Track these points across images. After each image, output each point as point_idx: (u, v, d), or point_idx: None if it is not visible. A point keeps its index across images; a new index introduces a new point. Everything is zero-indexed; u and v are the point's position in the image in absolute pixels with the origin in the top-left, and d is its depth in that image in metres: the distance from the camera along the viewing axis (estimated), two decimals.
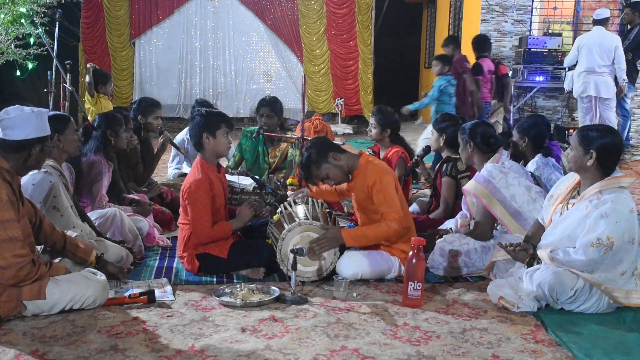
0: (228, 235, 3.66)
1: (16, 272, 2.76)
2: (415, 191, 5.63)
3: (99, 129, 4.28)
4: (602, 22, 7.91)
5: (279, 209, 3.84)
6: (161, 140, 5.26)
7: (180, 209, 3.71)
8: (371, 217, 3.58)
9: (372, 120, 4.99)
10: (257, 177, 4.62)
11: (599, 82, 7.79)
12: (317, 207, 3.76)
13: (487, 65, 7.85)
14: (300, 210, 3.70)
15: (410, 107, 7.48)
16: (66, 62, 7.94)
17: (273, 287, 3.31)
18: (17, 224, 2.78)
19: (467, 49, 11.10)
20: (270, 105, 5.33)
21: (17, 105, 2.96)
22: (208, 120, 3.64)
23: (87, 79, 6.96)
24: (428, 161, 6.00)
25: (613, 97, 7.89)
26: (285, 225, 3.50)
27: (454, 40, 7.91)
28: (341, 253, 3.54)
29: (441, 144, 4.54)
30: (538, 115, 5.17)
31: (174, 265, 3.80)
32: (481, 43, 8.06)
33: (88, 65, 7.26)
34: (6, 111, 2.90)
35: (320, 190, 4.12)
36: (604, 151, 3.07)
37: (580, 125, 8.12)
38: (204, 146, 3.65)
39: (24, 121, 2.88)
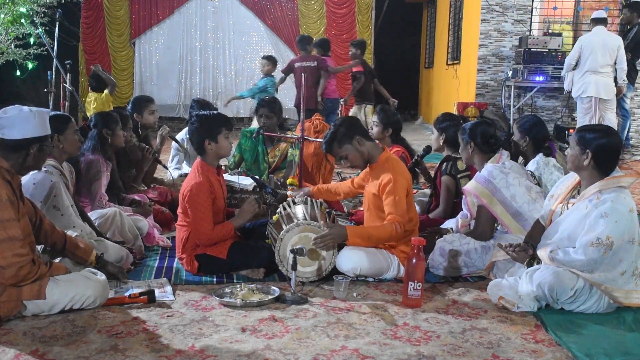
0: (231, 234, 3.66)
1: (16, 271, 2.76)
2: (415, 191, 5.62)
3: (95, 128, 4.28)
4: (603, 21, 7.90)
5: (278, 209, 3.84)
6: (160, 133, 5.27)
7: (179, 210, 3.70)
8: (379, 215, 3.58)
9: (374, 119, 5.01)
10: (257, 177, 4.62)
11: (599, 83, 7.77)
12: (316, 207, 3.76)
13: (302, 61, 8.56)
14: (299, 210, 3.70)
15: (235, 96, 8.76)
16: (66, 62, 7.95)
17: (273, 287, 3.31)
18: (17, 224, 2.78)
19: (467, 49, 11.13)
20: (269, 106, 5.33)
21: (16, 105, 2.96)
22: (208, 126, 3.63)
23: (108, 79, 7.06)
24: (432, 161, 6.00)
25: (613, 98, 7.88)
26: (284, 226, 3.50)
27: (300, 40, 8.67)
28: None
29: (441, 143, 4.54)
30: (532, 115, 5.19)
31: (174, 265, 3.79)
32: (321, 45, 8.79)
33: (93, 67, 7.27)
34: (5, 110, 2.90)
35: (322, 189, 4.13)
36: (600, 152, 3.08)
37: (578, 126, 8.13)
38: (206, 151, 3.65)
39: (22, 120, 2.87)
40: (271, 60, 8.39)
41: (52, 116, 3.59)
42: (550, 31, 10.08)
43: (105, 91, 7.07)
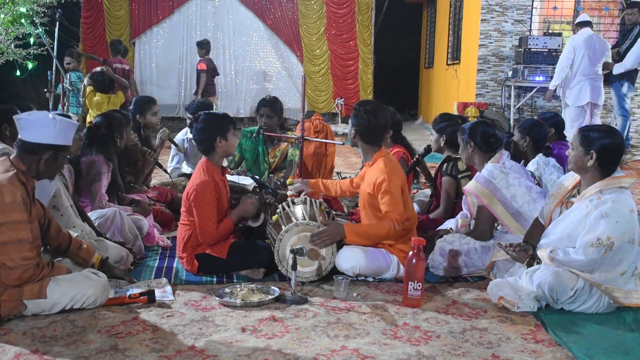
0: (231, 229, 3.67)
1: (21, 274, 2.77)
2: (415, 191, 5.63)
3: (106, 130, 4.26)
4: (589, 24, 7.86)
5: (278, 210, 3.84)
6: (159, 136, 5.27)
7: (182, 209, 3.70)
8: (375, 214, 3.58)
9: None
10: (257, 177, 4.62)
11: (595, 88, 7.76)
12: (315, 206, 3.76)
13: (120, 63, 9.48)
14: (298, 210, 3.70)
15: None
16: (66, 62, 7.95)
17: (273, 287, 3.31)
18: (28, 226, 2.79)
19: (467, 49, 11.13)
20: (271, 105, 5.33)
21: (45, 111, 2.97)
22: (219, 124, 3.67)
23: (122, 82, 7.17)
24: (432, 161, 5.99)
25: (602, 104, 7.89)
26: (283, 227, 3.50)
27: (111, 46, 9.79)
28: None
29: (442, 145, 4.53)
30: (554, 113, 5.18)
31: (174, 265, 3.79)
32: (124, 51, 9.73)
33: (104, 68, 7.30)
34: (30, 113, 2.94)
35: (320, 181, 4.12)
36: (604, 152, 3.07)
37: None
38: (215, 149, 3.66)
39: (41, 125, 2.87)
40: (74, 57, 8.91)
41: None
42: (550, 31, 10.08)
43: (120, 92, 7.08)
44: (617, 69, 7.86)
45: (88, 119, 6.93)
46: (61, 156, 2.95)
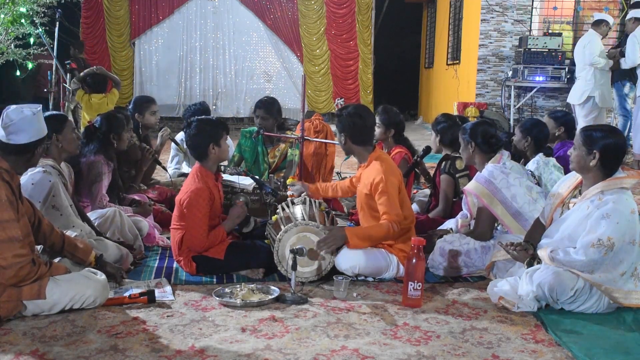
0: (223, 239, 3.65)
1: (16, 272, 2.76)
2: (415, 191, 5.63)
3: (103, 131, 4.25)
4: (594, 24, 7.91)
5: (277, 210, 3.84)
6: (161, 134, 5.26)
7: (175, 214, 3.66)
8: (372, 214, 3.58)
9: (376, 120, 4.96)
10: (257, 177, 4.62)
11: (573, 88, 8.03)
12: (315, 206, 3.76)
13: None
14: (298, 210, 3.70)
15: None
16: (66, 62, 7.95)
17: (273, 287, 3.31)
18: (17, 224, 2.78)
19: (467, 49, 11.12)
20: (266, 107, 5.32)
21: (15, 107, 2.96)
22: (212, 130, 3.64)
23: (114, 78, 7.11)
24: (432, 161, 5.99)
25: (582, 105, 7.90)
26: (282, 227, 3.50)
27: None
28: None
29: (438, 145, 4.54)
30: (565, 112, 5.25)
31: (174, 265, 3.79)
32: None
33: (95, 68, 7.24)
34: (8, 116, 2.91)
35: (320, 187, 4.13)
36: (607, 152, 3.07)
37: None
38: (208, 156, 3.65)
39: (28, 125, 2.92)
40: None
41: (49, 116, 3.59)
42: (550, 31, 10.07)
43: (115, 90, 7.06)
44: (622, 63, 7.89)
45: (86, 118, 6.90)
46: (46, 144, 3.12)
